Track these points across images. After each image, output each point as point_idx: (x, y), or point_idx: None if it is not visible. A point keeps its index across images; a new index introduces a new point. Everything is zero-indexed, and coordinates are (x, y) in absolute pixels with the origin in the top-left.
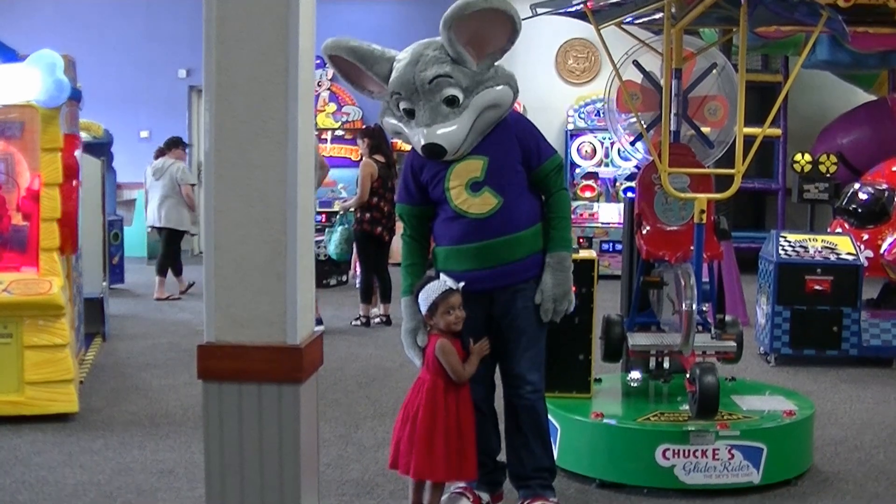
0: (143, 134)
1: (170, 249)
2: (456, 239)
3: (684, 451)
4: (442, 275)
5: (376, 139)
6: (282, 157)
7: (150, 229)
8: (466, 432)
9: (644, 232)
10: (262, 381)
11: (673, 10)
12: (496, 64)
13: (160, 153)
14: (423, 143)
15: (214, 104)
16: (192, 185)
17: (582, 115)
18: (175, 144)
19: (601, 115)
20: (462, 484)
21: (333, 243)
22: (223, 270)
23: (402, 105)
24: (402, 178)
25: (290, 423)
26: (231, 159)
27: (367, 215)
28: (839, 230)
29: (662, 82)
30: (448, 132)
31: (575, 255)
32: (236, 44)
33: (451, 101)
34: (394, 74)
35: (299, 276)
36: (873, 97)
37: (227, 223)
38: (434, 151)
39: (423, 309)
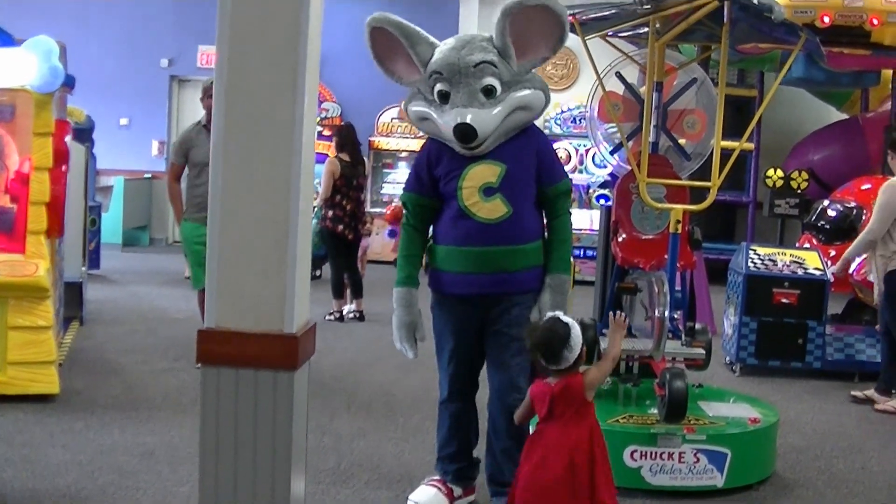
0: (123, 121)
1: None
2: (459, 240)
3: (651, 452)
4: None
5: (342, 137)
6: (288, 153)
7: None
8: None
9: (620, 239)
10: (259, 367)
11: (657, 25)
12: (533, 70)
13: None
14: (456, 122)
15: (225, 98)
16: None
17: (558, 122)
18: None
19: (577, 122)
20: (436, 476)
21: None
22: (227, 260)
23: (440, 87)
24: (414, 167)
25: (284, 408)
26: (239, 153)
27: (330, 213)
28: (807, 245)
29: (643, 94)
30: (482, 119)
31: None
32: (248, 41)
33: (489, 91)
34: (437, 56)
35: (298, 268)
36: (845, 115)
37: (232, 214)
38: (466, 133)
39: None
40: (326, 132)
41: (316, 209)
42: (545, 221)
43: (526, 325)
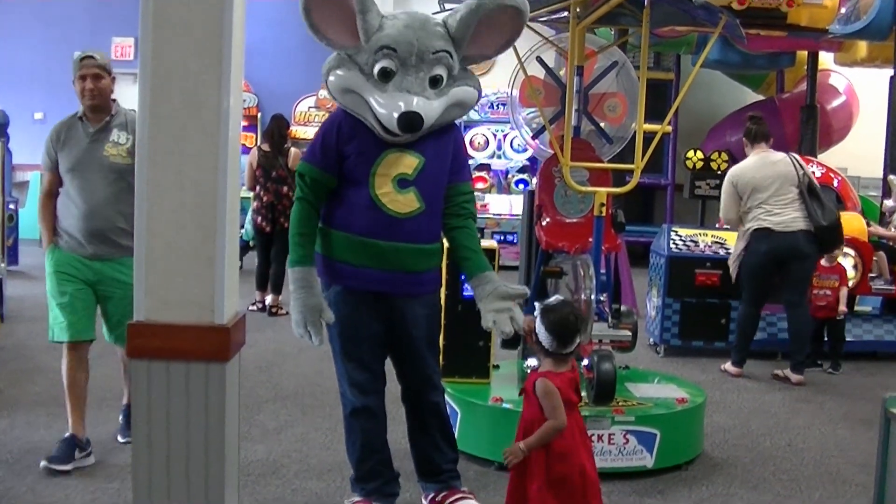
0: (38, 115)
1: None
2: (364, 230)
3: None
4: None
5: (267, 127)
6: (214, 146)
7: None
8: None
9: (544, 223)
10: (190, 360)
11: (577, 9)
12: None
13: None
14: (403, 110)
15: (149, 93)
16: None
17: (476, 108)
18: None
19: (495, 107)
20: (357, 498)
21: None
22: (155, 253)
23: (386, 64)
24: (321, 139)
25: (217, 400)
26: (165, 147)
27: (254, 204)
28: (727, 226)
29: (565, 78)
30: (429, 109)
31: None
32: (172, 34)
33: (436, 82)
34: (389, 31)
35: (227, 260)
36: (761, 97)
37: (159, 208)
38: (413, 122)
39: (548, 337)
40: (244, 123)
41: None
42: (448, 221)
43: (430, 324)
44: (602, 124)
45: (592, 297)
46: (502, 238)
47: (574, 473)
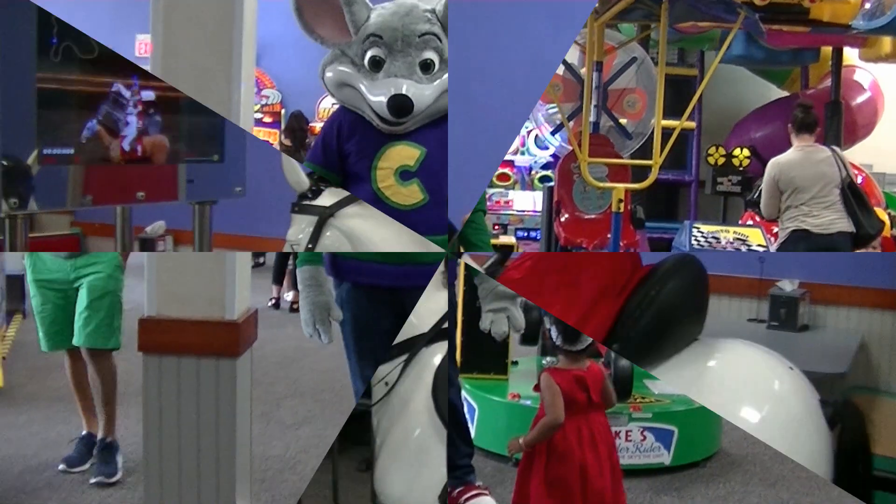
0: None
1: None
2: None
3: None
4: None
5: (288, 123)
6: None
7: None
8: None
9: (563, 219)
10: (201, 355)
11: (596, 5)
12: None
13: None
14: (391, 93)
15: None
16: None
17: None
18: None
19: None
20: None
21: None
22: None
23: (375, 52)
24: (321, 138)
25: (227, 396)
26: None
27: None
28: (750, 222)
29: (584, 74)
30: (420, 93)
31: (494, 241)
32: (183, 29)
33: (427, 66)
34: (375, 19)
35: (238, 255)
36: (786, 93)
37: None
38: (403, 106)
39: (555, 331)
40: (267, 119)
41: None
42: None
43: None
44: (622, 121)
45: None
46: (526, 234)
47: (572, 476)
